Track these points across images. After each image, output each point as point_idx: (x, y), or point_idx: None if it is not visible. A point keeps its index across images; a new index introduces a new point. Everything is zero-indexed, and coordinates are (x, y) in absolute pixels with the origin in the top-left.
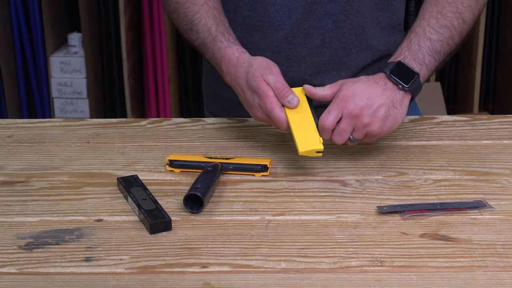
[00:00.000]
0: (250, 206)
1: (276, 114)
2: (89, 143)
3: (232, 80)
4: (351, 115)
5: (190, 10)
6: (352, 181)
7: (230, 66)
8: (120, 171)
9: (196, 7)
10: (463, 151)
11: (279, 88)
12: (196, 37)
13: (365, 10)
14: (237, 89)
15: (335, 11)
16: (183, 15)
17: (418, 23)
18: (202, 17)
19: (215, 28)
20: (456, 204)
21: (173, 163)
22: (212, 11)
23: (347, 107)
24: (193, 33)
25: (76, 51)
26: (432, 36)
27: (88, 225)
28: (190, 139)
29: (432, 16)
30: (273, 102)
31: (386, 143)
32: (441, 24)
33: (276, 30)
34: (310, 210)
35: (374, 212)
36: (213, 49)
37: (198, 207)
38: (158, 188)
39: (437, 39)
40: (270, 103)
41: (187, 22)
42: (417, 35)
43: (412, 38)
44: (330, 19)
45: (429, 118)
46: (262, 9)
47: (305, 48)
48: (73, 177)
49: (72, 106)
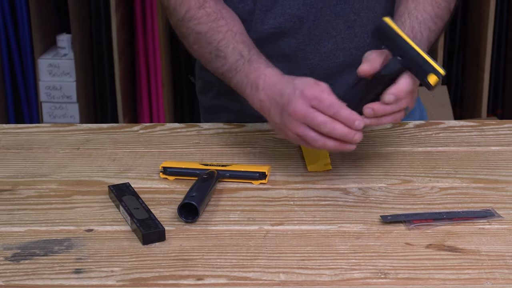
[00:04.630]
0: (247, 215)
1: (347, 111)
2: (79, 150)
3: (274, 93)
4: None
5: (214, 38)
6: (354, 189)
7: (272, 79)
8: (111, 179)
9: (221, 34)
10: (471, 157)
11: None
12: (223, 63)
13: (374, 5)
14: (274, 102)
15: (345, 12)
16: (206, 44)
17: (414, 6)
18: (230, 43)
19: (247, 51)
20: (464, 213)
21: (167, 170)
22: (240, 36)
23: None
24: (219, 59)
25: (65, 53)
26: (430, 25)
27: (78, 235)
28: (184, 145)
29: (428, 2)
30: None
31: (390, 149)
32: (436, 14)
33: (288, 40)
34: (311, 220)
35: (378, 221)
36: (247, 71)
37: (193, 217)
38: (151, 197)
39: (433, 30)
40: (336, 103)
41: (212, 50)
42: (417, 20)
43: (413, 22)
44: (341, 20)
45: (435, 123)
46: (272, 20)
47: (318, 54)
48: (62, 185)
49: (61, 110)
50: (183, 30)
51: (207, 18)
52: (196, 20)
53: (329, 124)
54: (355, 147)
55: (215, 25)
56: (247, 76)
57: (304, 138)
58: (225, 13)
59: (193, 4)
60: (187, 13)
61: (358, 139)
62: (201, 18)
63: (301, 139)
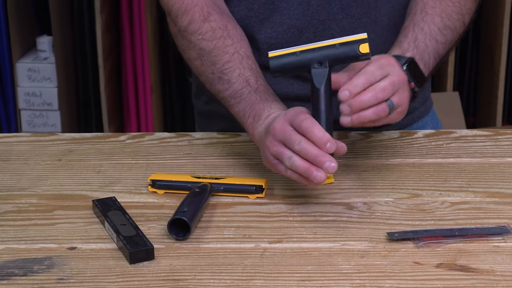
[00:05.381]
0: (243, 232)
1: (320, 132)
2: (61, 161)
3: (269, 126)
4: (394, 78)
5: (219, 58)
6: (358, 204)
7: (278, 113)
8: (96, 193)
9: (227, 56)
10: (485, 170)
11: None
12: (226, 87)
13: (382, 19)
14: (270, 135)
15: (351, 26)
16: (209, 63)
17: (421, 17)
18: (236, 67)
19: (254, 80)
20: (477, 230)
21: (156, 183)
22: (247, 61)
23: (388, 70)
24: (222, 82)
25: (46, 56)
26: (437, 37)
27: (59, 253)
28: (175, 156)
29: (436, 14)
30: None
31: (397, 161)
32: (446, 25)
33: None
34: (311, 237)
35: (384, 239)
36: (253, 100)
37: (184, 234)
38: (139, 212)
39: (441, 41)
40: (312, 120)
41: (215, 71)
42: (422, 31)
43: (417, 33)
44: (347, 35)
45: (446, 132)
46: (269, 30)
47: None
48: (42, 200)
49: (42, 119)
50: (184, 43)
51: (212, 34)
52: (200, 35)
53: (302, 143)
54: (324, 178)
55: (221, 44)
56: (252, 106)
57: (279, 155)
58: (231, 30)
59: (197, 16)
60: (190, 25)
61: (329, 168)
62: (206, 34)
63: (276, 162)
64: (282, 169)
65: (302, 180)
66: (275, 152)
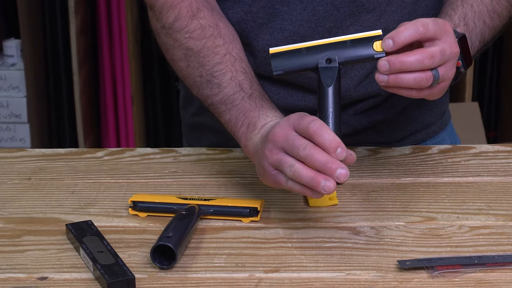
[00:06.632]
0: (235, 260)
1: (331, 135)
2: (31, 180)
3: (269, 132)
4: (446, 47)
5: (208, 59)
6: (366, 228)
7: (275, 122)
8: (69, 216)
9: (217, 57)
10: (508, 190)
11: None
12: (215, 92)
13: (393, 27)
14: (269, 143)
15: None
16: (197, 65)
17: None
18: (228, 70)
19: (249, 85)
20: (499, 257)
21: (137, 205)
22: (240, 63)
23: (442, 35)
24: (211, 86)
25: (13, 62)
26: (486, 19)
27: (29, 284)
28: (159, 174)
29: None
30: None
31: (409, 180)
32: (494, 8)
33: None
34: (313, 266)
35: (394, 268)
36: (246, 107)
37: (169, 262)
38: (119, 238)
39: (489, 24)
40: (320, 123)
41: (204, 74)
42: (472, 8)
43: (467, 10)
44: None
45: (464, 147)
46: (269, 36)
47: None
48: (10, 223)
49: (9, 132)
50: (169, 41)
51: (201, 33)
52: (187, 33)
53: (308, 148)
54: (333, 189)
55: (211, 43)
56: (246, 114)
57: (279, 164)
58: (223, 29)
59: (185, 12)
60: (176, 22)
61: (340, 175)
62: (194, 32)
63: (275, 172)
64: (282, 179)
65: (306, 191)
66: (275, 160)
